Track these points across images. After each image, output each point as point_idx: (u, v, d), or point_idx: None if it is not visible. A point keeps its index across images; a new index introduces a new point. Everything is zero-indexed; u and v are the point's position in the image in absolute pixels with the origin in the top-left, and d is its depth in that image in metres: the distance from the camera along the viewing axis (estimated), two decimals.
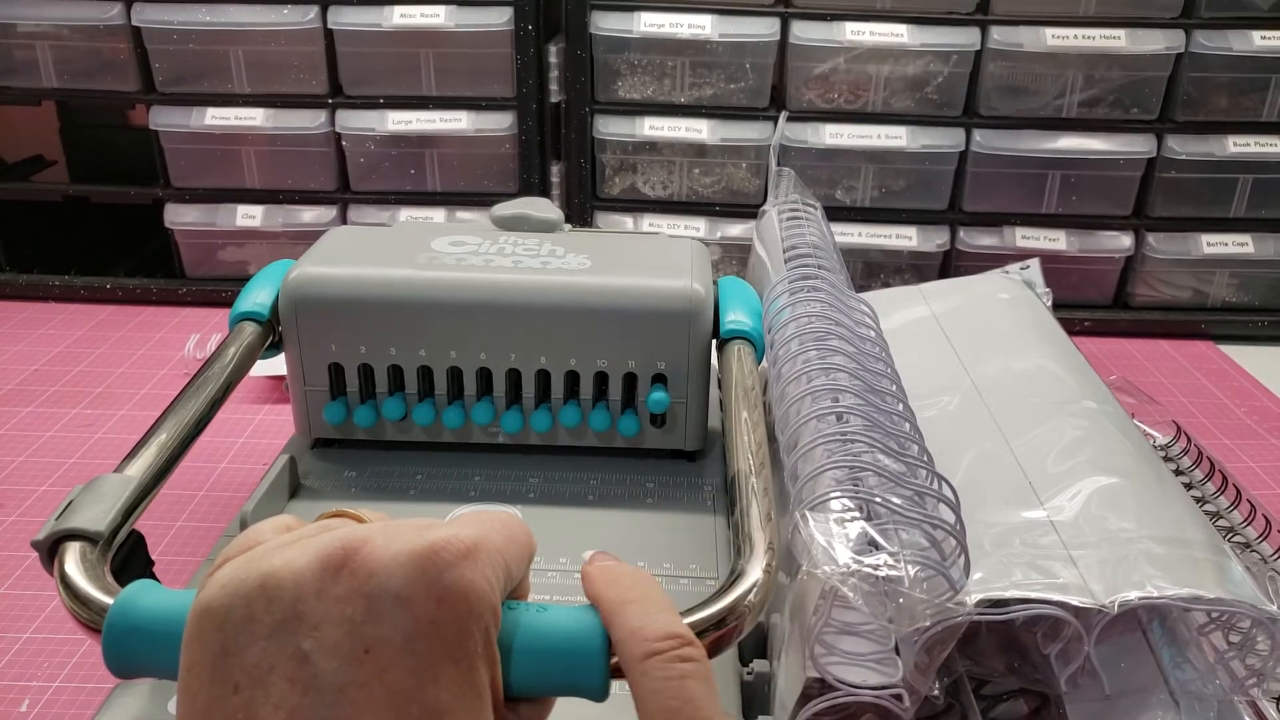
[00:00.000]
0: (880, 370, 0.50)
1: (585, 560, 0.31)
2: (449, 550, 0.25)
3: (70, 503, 0.39)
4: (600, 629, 0.28)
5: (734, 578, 0.35)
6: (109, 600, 0.32)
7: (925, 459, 0.43)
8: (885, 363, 0.51)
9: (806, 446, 0.43)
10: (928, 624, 0.37)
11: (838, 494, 0.40)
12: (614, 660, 0.28)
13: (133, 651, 0.27)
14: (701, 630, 0.32)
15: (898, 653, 0.39)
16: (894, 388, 0.49)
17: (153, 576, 0.41)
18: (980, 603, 0.38)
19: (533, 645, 0.27)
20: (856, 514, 0.39)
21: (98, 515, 0.38)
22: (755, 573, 0.35)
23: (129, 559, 0.41)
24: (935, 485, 0.42)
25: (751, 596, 0.34)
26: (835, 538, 0.38)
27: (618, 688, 0.28)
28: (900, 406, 0.47)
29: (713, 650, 0.32)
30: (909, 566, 0.37)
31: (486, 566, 0.25)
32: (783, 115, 0.87)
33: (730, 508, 0.42)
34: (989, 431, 0.53)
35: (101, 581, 0.35)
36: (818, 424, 0.45)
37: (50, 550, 0.37)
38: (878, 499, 0.40)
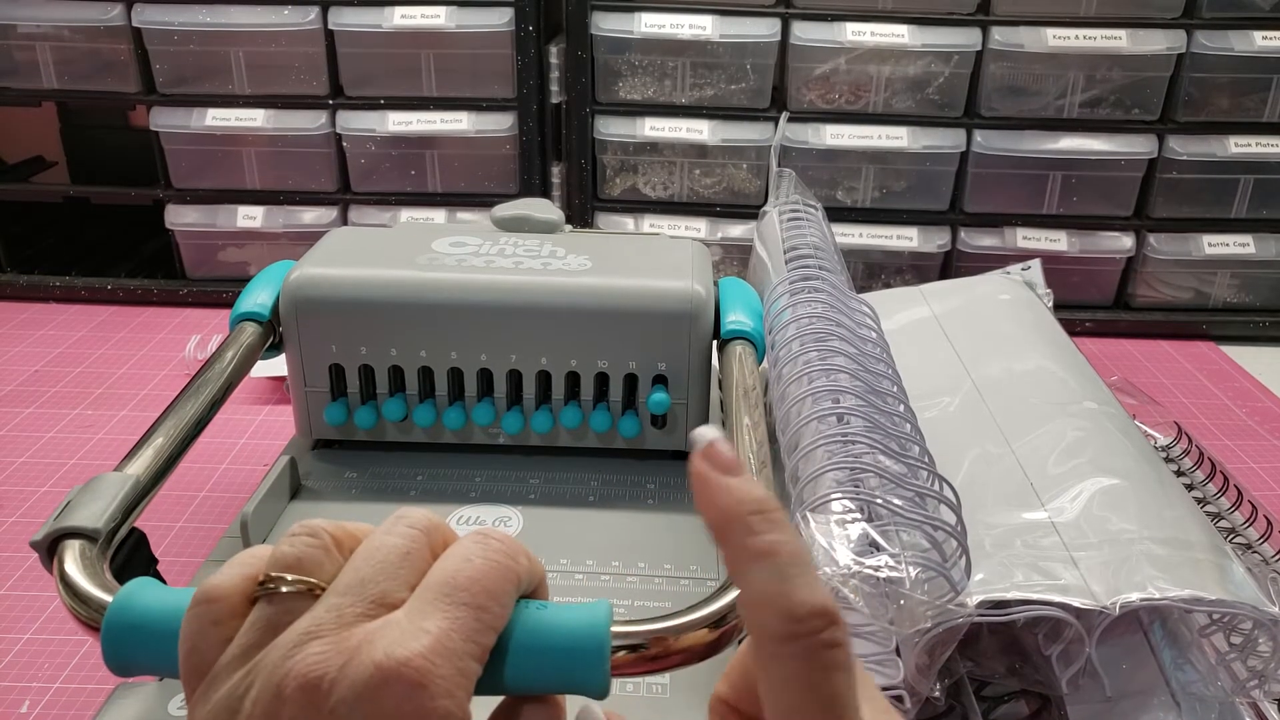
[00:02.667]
0: (881, 371, 0.50)
1: (701, 447, 0.25)
2: (399, 684, 0.23)
3: (69, 502, 0.39)
4: (602, 625, 0.28)
5: None
6: (108, 598, 0.32)
7: (926, 460, 0.43)
8: (886, 364, 0.51)
9: (807, 448, 0.43)
10: (929, 625, 0.37)
11: (839, 495, 0.40)
12: (615, 656, 0.28)
13: (132, 649, 0.27)
14: (701, 628, 0.32)
15: (898, 654, 0.39)
16: (895, 389, 0.48)
17: (156, 575, 0.41)
18: (981, 604, 0.38)
19: (533, 643, 0.27)
20: (857, 515, 0.39)
21: (96, 513, 0.38)
22: None
23: (131, 558, 0.41)
24: (936, 486, 0.42)
25: None
26: (836, 539, 0.38)
27: (618, 686, 0.27)
28: (901, 408, 0.47)
29: (712, 650, 0.32)
30: (910, 568, 0.37)
31: (441, 691, 0.23)
32: (783, 116, 0.87)
33: None
34: (990, 432, 0.53)
35: (101, 579, 0.35)
36: (819, 425, 0.45)
37: (49, 549, 0.37)
38: (879, 500, 0.40)
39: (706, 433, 0.25)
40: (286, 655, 0.23)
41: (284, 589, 0.25)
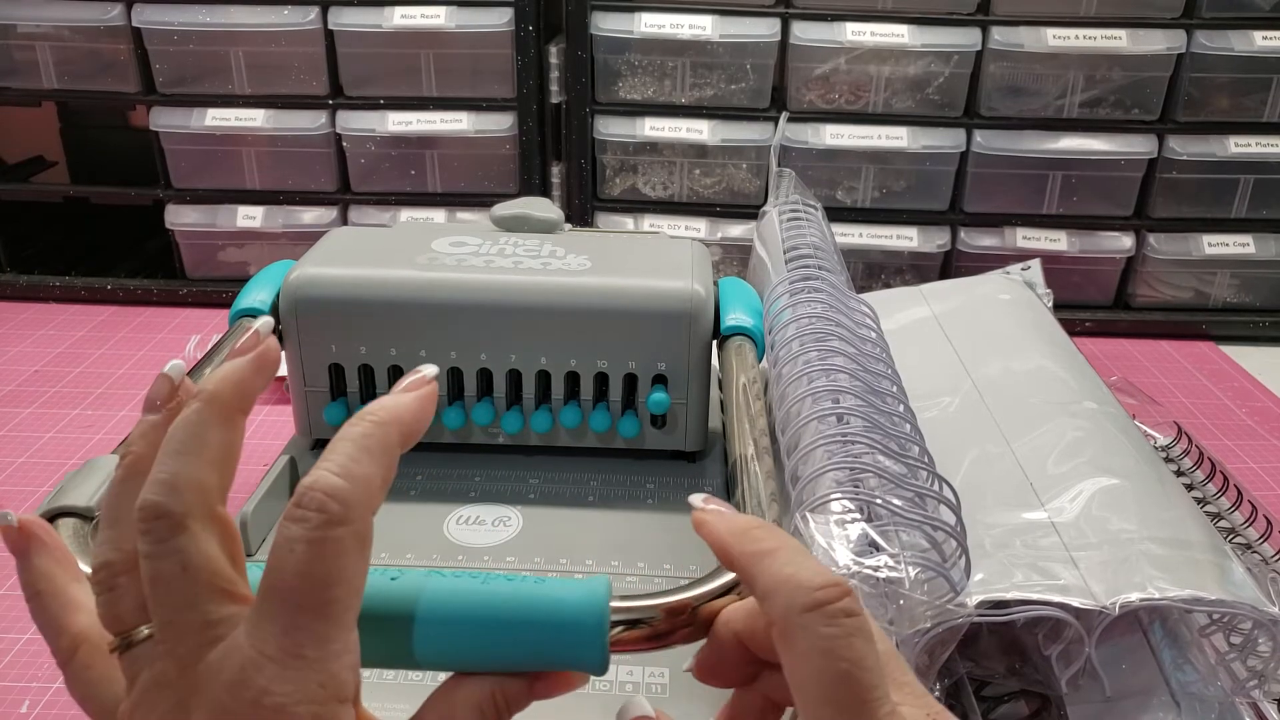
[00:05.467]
0: (881, 371, 0.50)
1: (696, 506, 0.29)
2: None
3: (63, 485, 0.38)
4: (601, 600, 0.28)
5: None
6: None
7: (926, 460, 0.43)
8: (886, 364, 0.51)
9: (807, 448, 0.43)
10: (928, 626, 0.37)
11: (838, 495, 0.40)
12: (614, 632, 0.27)
13: None
14: (702, 604, 0.31)
15: None
16: (895, 389, 0.48)
17: None
18: (981, 604, 0.38)
19: (530, 618, 0.27)
20: (857, 515, 0.39)
21: (89, 492, 0.38)
22: None
23: None
24: (936, 487, 0.42)
25: None
26: (836, 539, 0.38)
27: (618, 686, 0.27)
28: (901, 408, 0.47)
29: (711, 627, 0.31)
30: (909, 568, 0.37)
31: (308, 714, 0.22)
32: (783, 116, 0.87)
33: (729, 494, 0.42)
34: (989, 432, 0.53)
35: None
36: (818, 425, 0.44)
37: None
38: (878, 500, 0.40)
39: (698, 498, 0.29)
40: (138, 708, 0.23)
41: (125, 648, 0.24)
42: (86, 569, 0.33)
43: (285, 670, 0.22)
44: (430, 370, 0.28)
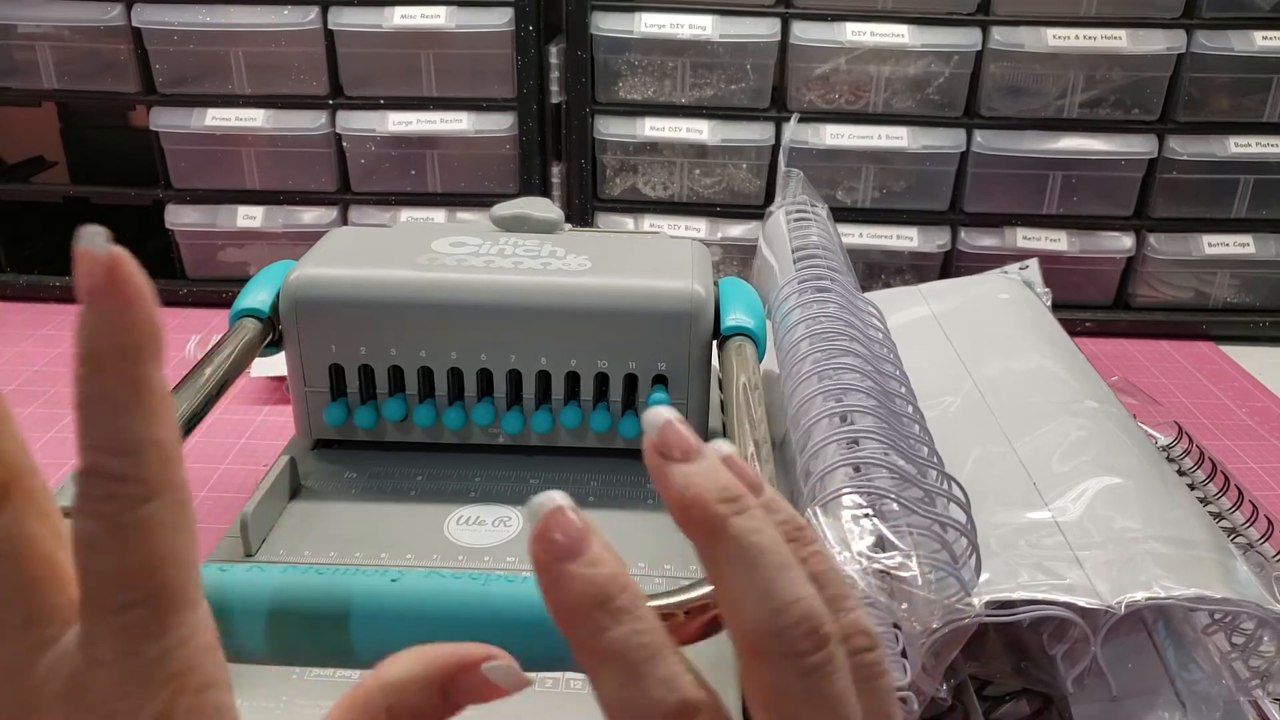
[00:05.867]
0: (890, 372, 0.50)
1: (652, 431, 0.22)
2: None
3: (64, 486, 0.38)
4: None
5: None
6: None
7: (935, 460, 0.43)
8: (894, 364, 0.51)
9: (819, 445, 0.43)
10: (936, 625, 0.37)
11: (850, 489, 0.40)
12: None
13: None
14: (697, 608, 0.30)
15: (904, 655, 0.39)
16: (903, 389, 0.48)
17: None
18: (987, 604, 0.38)
19: (530, 618, 0.27)
20: (868, 511, 0.39)
21: None
22: None
23: None
24: (945, 486, 0.42)
25: None
26: (847, 535, 0.38)
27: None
28: (910, 408, 0.47)
29: (710, 629, 0.31)
30: (920, 567, 0.37)
31: None
32: (794, 117, 0.87)
33: None
34: (992, 432, 0.53)
35: None
36: (830, 423, 0.44)
37: None
38: (890, 497, 0.39)
39: (657, 416, 0.23)
40: None
41: None
42: None
43: (121, 672, 0.19)
44: (94, 238, 0.19)
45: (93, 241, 0.18)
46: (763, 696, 0.20)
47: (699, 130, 0.98)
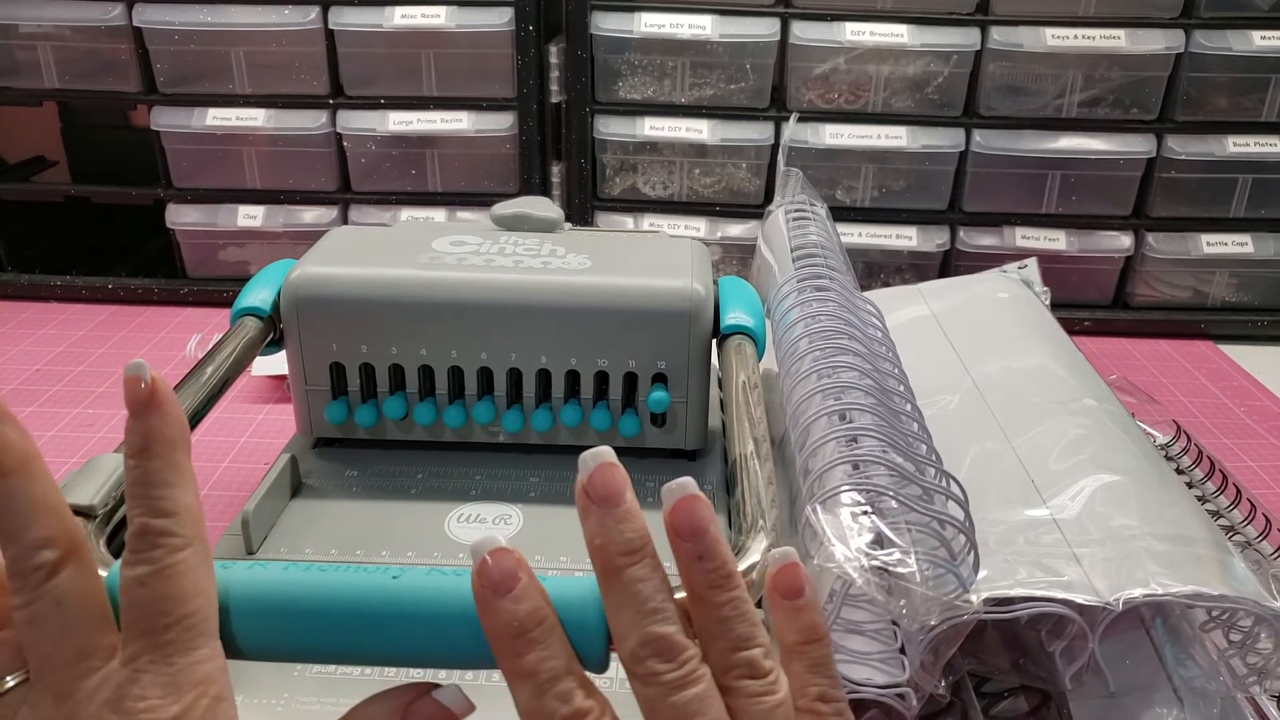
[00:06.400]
0: (889, 371, 0.50)
1: (585, 471, 0.28)
2: None
3: (66, 483, 0.39)
4: (601, 598, 0.28)
5: (736, 554, 0.34)
6: (103, 573, 0.32)
7: (934, 458, 0.43)
8: (893, 363, 0.51)
9: (818, 442, 0.43)
10: (934, 622, 0.37)
11: (848, 487, 0.40)
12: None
13: None
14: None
15: (903, 652, 0.39)
16: (902, 388, 0.49)
17: None
18: (986, 601, 0.38)
19: None
20: (867, 509, 0.39)
21: (92, 490, 0.38)
22: (755, 554, 0.35)
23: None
24: (944, 483, 0.42)
25: (754, 575, 0.34)
26: (846, 532, 0.38)
27: (618, 684, 0.27)
28: (909, 406, 0.47)
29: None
30: (918, 563, 0.37)
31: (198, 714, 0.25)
32: (793, 116, 0.87)
33: (729, 491, 0.42)
34: (990, 430, 0.53)
35: (99, 553, 0.35)
36: (829, 421, 0.45)
37: None
38: (889, 494, 0.40)
39: (594, 458, 0.28)
40: None
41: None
42: None
43: (159, 677, 0.24)
44: (140, 369, 0.27)
45: (140, 371, 0.26)
46: (640, 707, 0.26)
47: (699, 130, 0.98)
